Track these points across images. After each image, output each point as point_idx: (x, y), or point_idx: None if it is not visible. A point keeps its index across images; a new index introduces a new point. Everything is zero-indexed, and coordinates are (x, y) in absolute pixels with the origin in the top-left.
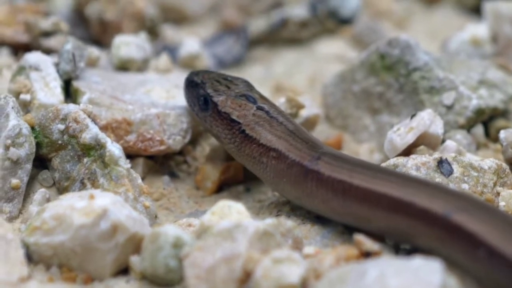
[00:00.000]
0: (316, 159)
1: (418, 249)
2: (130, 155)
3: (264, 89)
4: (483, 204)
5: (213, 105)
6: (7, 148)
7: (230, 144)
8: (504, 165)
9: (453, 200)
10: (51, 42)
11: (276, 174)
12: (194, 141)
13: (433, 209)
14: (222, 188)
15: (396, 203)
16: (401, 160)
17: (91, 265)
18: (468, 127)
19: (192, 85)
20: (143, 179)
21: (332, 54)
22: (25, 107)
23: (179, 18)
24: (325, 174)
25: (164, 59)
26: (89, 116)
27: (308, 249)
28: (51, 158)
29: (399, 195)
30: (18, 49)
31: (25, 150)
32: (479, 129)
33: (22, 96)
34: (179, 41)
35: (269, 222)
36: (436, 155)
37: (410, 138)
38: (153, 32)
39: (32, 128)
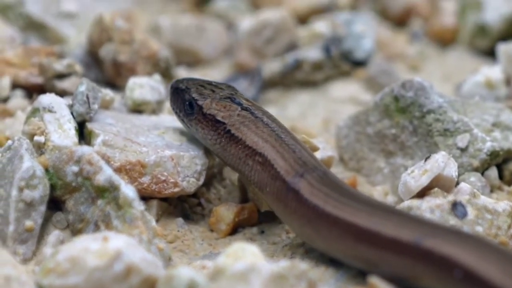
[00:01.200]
0: (299, 176)
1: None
2: (144, 197)
3: None
4: (453, 229)
5: (198, 108)
6: (21, 190)
7: (216, 145)
8: None
9: (421, 227)
10: (65, 84)
11: (259, 180)
12: (208, 183)
13: (402, 237)
14: (237, 230)
15: (364, 233)
16: (416, 202)
17: None
18: (482, 169)
19: (177, 92)
20: (157, 221)
21: (346, 96)
22: (39, 149)
23: (193, 61)
24: (304, 196)
25: None
26: (103, 158)
27: None
28: (65, 200)
29: (366, 225)
30: (32, 91)
31: (39, 192)
32: (493, 172)
33: (36, 138)
34: None
35: (283, 264)
36: (450, 197)
37: (424, 181)
38: (167, 74)
39: (46, 170)
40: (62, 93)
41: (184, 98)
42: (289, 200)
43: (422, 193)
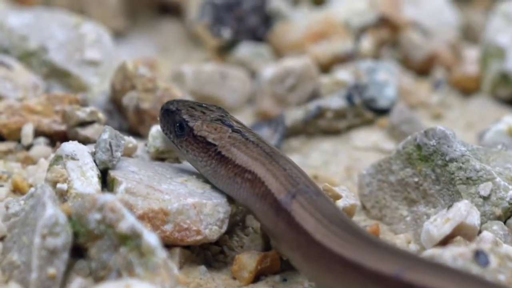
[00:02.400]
0: (291, 197)
1: None
2: (167, 245)
3: None
4: (434, 262)
5: (188, 130)
6: (43, 237)
7: (206, 167)
8: None
9: (403, 260)
10: (88, 131)
11: (248, 197)
12: (230, 231)
13: (384, 270)
14: (259, 278)
15: (347, 264)
16: (438, 251)
17: None
18: (504, 218)
19: (168, 113)
20: (179, 269)
21: (369, 145)
22: (62, 196)
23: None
24: (295, 219)
25: None
26: (125, 206)
27: None
28: (88, 248)
29: (350, 256)
30: (55, 138)
31: (62, 239)
32: None
33: (59, 186)
34: None
35: None
36: (473, 246)
37: (447, 229)
38: None
39: (69, 217)
40: (85, 141)
41: (174, 120)
42: (280, 219)
43: (444, 242)
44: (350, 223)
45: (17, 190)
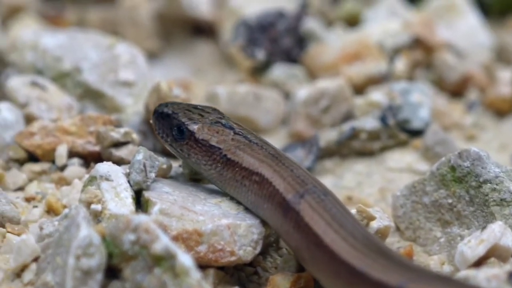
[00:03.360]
0: (300, 197)
1: None
2: (201, 266)
3: None
4: (439, 274)
5: (189, 134)
6: (78, 258)
7: (211, 170)
8: None
9: (409, 272)
10: (122, 152)
11: (256, 199)
12: (264, 252)
13: (389, 282)
14: None
15: (353, 272)
16: (472, 272)
17: None
18: None
19: (163, 117)
20: None
21: (403, 166)
22: (96, 217)
23: (251, 129)
24: (304, 219)
25: None
26: (159, 227)
27: None
28: (122, 269)
29: (356, 265)
30: (89, 159)
31: (96, 260)
32: None
33: (93, 206)
34: None
35: None
36: (507, 267)
37: (481, 251)
38: None
39: (103, 238)
40: (119, 162)
41: (172, 123)
42: (288, 219)
43: (478, 263)
44: (359, 227)
45: (51, 211)
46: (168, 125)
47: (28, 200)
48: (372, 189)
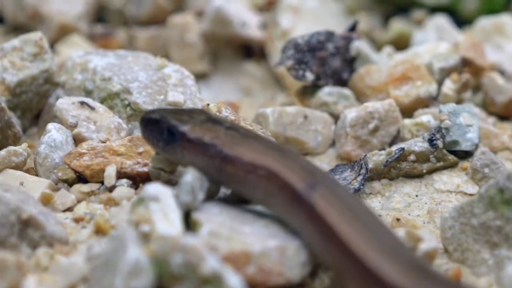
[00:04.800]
0: (311, 188)
1: None
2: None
3: None
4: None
5: (180, 135)
6: (126, 279)
7: (208, 167)
8: None
9: (422, 274)
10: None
11: (265, 194)
12: (313, 273)
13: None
14: None
15: (367, 268)
16: None
17: None
18: None
19: (152, 123)
20: None
21: (451, 188)
22: (145, 238)
23: (300, 150)
24: (317, 211)
25: None
26: (208, 248)
27: None
28: None
29: (371, 262)
30: (138, 180)
31: (144, 281)
32: None
33: (141, 227)
34: None
35: None
36: None
37: None
38: None
39: (151, 259)
40: (167, 183)
41: (161, 127)
42: (301, 211)
43: None
44: (372, 217)
45: (99, 231)
46: (158, 130)
47: (76, 220)
48: (420, 211)
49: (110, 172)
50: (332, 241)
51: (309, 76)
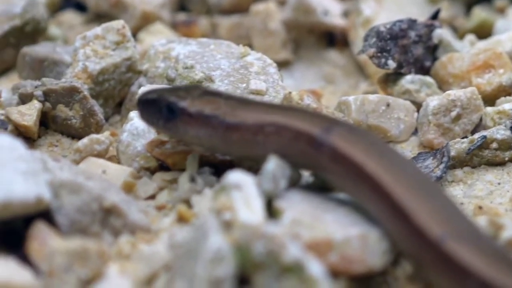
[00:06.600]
0: (327, 131)
1: None
2: (331, 276)
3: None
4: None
5: (180, 110)
6: (208, 267)
7: (212, 139)
8: None
9: (450, 224)
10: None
11: (278, 149)
12: (395, 261)
13: (429, 232)
14: None
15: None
16: None
17: None
18: None
19: (149, 103)
20: None
21: None
22: (226, 226)
23: (382, 138)
24: (340, 151)
25: None
26: (290, 236)
27: None
28: (252, 278)
29: (405, 205)
30: (220, 168)
31: (226, 269)
32: None
33: (223, 215)
34: None
35: None
36: None
37: None
38: None
39: (233, 247)
40: (250, 170)
41: (159, 106)
42: (321, 156)
43: None
44: (396, 155)
45: (182, 219)
46: (157, 108)
47: (159, 208)
48: (502, 198)
49: (192, 160)
50: (361, 177)
51: (391, 64)
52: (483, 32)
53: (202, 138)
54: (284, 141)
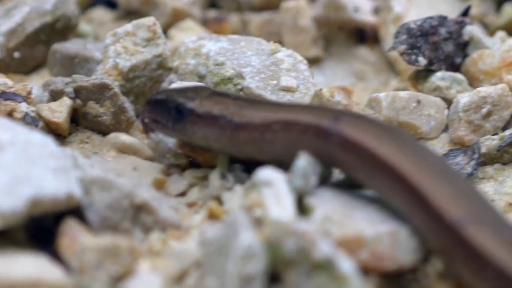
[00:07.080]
0: (334, 120)
1: None
2: (362, 273)
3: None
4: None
5: (189, 111)
6: (239, 264)
7: (220, 140)
8: None
9: (469, 207)
10: None
11: (287, 144)
12: (425, 258)
13: (447, 215)
14: None
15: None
16: None
17: None
18: None
19: (158, 103)
20: None
21: None
22: (257, 223)
23: (413, 135)
24: (350, 139)
25: None
26: (320, 233)
27: None
28: (283, 275)
29: (420, 187)
30: (251, 165)
31: (257, 266)
32: None
33: (254, 212)
34: None
35: None
36: None
37: None
38: None
39: (264, 244)
40: (280, 167)
41: (168, 107)
42: (331, 147)
43: None
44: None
45: (212, 216)
46: (165, 109)
47: (189, 205)
48: None
49: (223, 157)
50: (373, 163)
51: (422, 60)
52: None
53: (210, 138)
54: (293, 137)
